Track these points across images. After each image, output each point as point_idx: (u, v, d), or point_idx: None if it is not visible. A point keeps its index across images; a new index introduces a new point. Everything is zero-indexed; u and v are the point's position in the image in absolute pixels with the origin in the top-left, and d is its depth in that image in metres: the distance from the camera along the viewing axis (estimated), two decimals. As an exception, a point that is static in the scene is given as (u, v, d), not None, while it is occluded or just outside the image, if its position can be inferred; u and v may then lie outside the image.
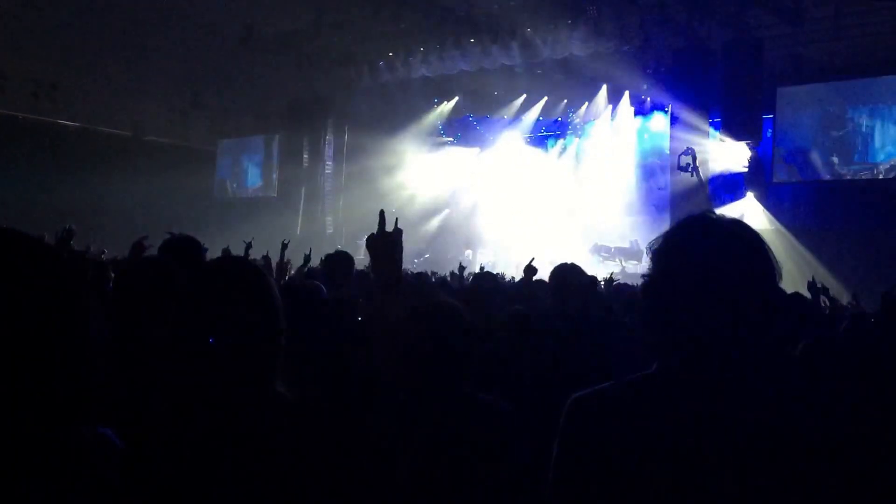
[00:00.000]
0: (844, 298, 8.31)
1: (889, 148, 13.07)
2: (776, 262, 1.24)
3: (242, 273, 1.52)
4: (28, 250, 1.00)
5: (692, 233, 1.27)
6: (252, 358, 1.44)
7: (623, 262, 15.96)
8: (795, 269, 12.91)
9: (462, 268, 7.08)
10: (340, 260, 4.83)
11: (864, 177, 13.35)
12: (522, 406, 2.19)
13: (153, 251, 3.48)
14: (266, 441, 1.37)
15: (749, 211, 14.43)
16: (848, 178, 13.52)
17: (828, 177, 13.75)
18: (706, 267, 1.20)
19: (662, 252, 1.27)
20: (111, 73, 18.85)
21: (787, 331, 2.96)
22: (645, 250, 1.45)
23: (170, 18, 18.57)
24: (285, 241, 7.18)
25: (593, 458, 1.22)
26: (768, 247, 1.25)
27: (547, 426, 1.38)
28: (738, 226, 1.28)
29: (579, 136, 18.12)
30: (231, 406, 1.41)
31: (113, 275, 4.36)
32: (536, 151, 18.58)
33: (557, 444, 1.28)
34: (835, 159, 13.59)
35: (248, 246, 7.07)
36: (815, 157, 13.82)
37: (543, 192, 18.15)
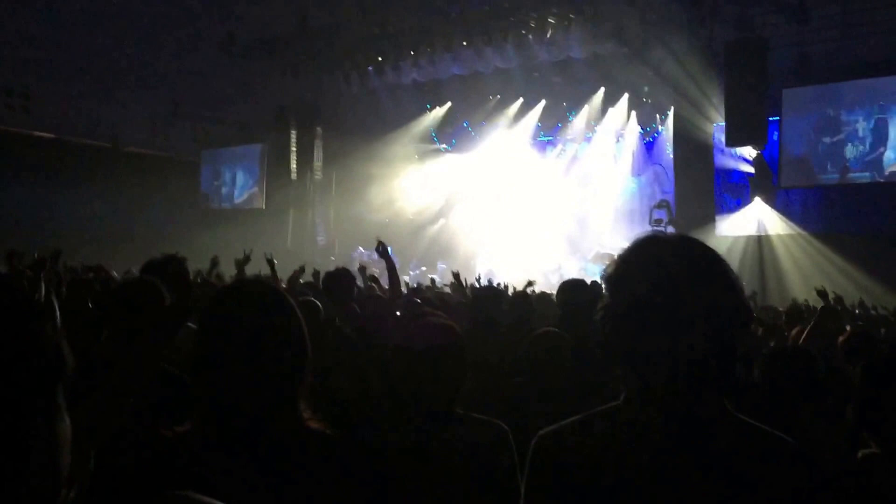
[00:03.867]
0: (849, 302, 8.04)
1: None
2: (737, 278, 1.22)
3: (267, 296, 1.49)
4: None
5: (645, 258, 1.23)
6: (278, 385, 1.42)
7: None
8: (804, 275, 12.60)
9: (431, 280, 6.68)
10: (341, 277, 4.66)
11: (874, 180, 12.98)
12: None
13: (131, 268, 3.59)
14: (292, 473, 1.37)
15: (757, 216, 14.06)
16: (858, 181, 13.16)
17: (837, 180, 13.38)
18: (666, 291, 1.17)
19: (615, 280, 1.24)
20: (88, 83, 18.32)
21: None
22: (599, 279, 1.35)
23: (149, 25, 18.04)
24: (269, 257, 6.78)
25: (560, 497, 1.21)
26: (727, 264, 1.22)
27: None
28: (691, 245, 1.25)
29: (579, 141, 17.67)
30: (257, 434, 1.38)
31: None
32: (534, 157, 18.10)
33: (524, 483, 1.28)
34: (844, 162, 13.22)
35: (214, 263, 6.71)
36: (824, 160, 13.44)
37: (542, 199, 17.69)
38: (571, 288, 4.24)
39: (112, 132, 20.54)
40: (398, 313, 4.57)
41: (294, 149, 18.74)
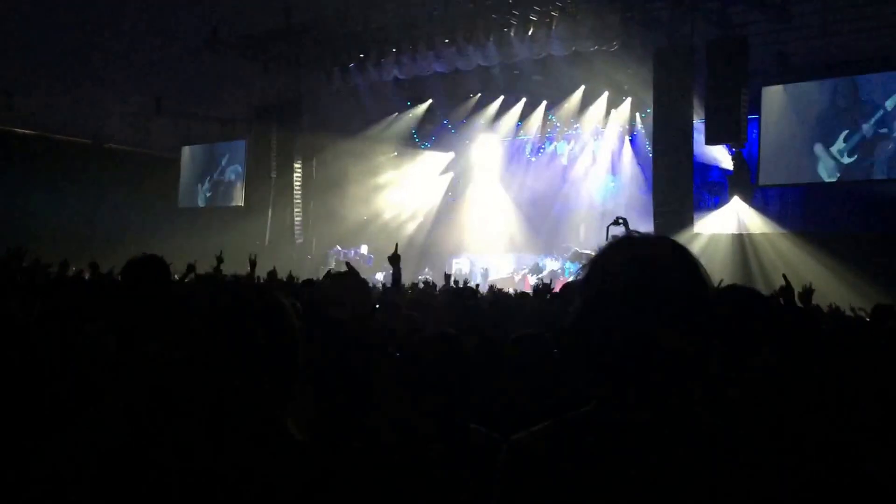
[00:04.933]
0: (827, 301, 7.95)
1: (878, 149, 12.68)
2: (709, 280, 1.22)
3: (261, 302, 1.48)
4: None
5: (617, 260, 1.21)
6: (265, 393, 1.40)
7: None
8: (782, 274, 12.51)
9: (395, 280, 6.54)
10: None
11: (852, 179, 12.93)
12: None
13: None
14: (273, 486, 1.35)
15: (735, 214, 13.99)
16: (836, 180, 13.11)
17: (815, 178, 13.33)
18: (635, 295, 1.15)
19: (587, 282, 1.23)
20: (68, 79, 18.23)
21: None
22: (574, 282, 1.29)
23: (131, 21, 17.98)
24: (252, 257, 6.85)
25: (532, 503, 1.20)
26: (698, 263, 1.21)
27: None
28: (664, 245, 1.22)
29: (558, 140, 17.59)
30: (238, 444, 1.37)
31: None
32: (514, 155, 18.02)
33: (497, 489, 1.27)
34: (822, 160, 13.17)
35: (220, 261, 6.74)
36: (802, 159, 13.39)
37: (521, 198, 17.61)
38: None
39: (93, 128, 20.44)
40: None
41: (275, 146, 18.61)
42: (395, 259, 5.09)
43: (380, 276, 14.89)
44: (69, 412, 1.98)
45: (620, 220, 14.47)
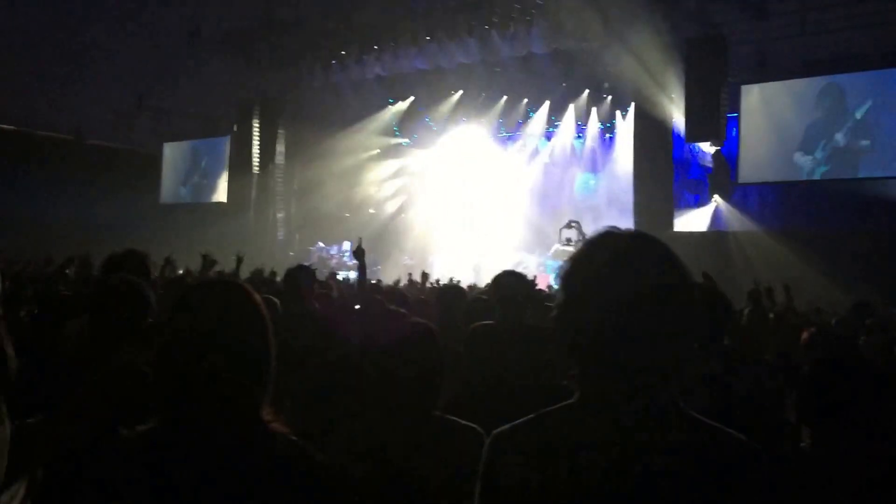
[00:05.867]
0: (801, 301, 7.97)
1: (854, 148, 12.73)
2: (689, 274, 1.23)
3: (233, 295, 1.45)
4: None
5: (599, 255, 1.22)
6: (241, 387, 1.37)
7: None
8: (760, 271, 12.54)
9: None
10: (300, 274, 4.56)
11: (831, 177, 12.99)
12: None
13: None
14: (252, 480, 1.33)
15: (715, 212, 14.03)
16: (815, 178, 13.15)
17: (793, 177, 13.38)
18: (617, 290, 1.17)
19: (569, 278, 1.24)
20: (51, 75, 18.10)
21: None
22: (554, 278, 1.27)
23: (114, 17, 17.86)
24: (240, 255, 6.82)
25: (516, 496, 1.21)
26: (679, 259, 1.23)
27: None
28: (645, 241, 1.24)
29: (539, 137, 17.60)
30: (216, 438, 1.35)
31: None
32: (495, 153, 18.01)
33: (479, 483, 1.28)
34: (800, 159, 13.22)
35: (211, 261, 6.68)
36: (780, 157, 13.43)
37: (503, 195, 17.60)
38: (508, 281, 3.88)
39: (75, 124, 20.32)
40: (357, 308, 4.61)
41: (257, 143, 18.54)
42: (359, 253, 5.06)
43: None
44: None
45: (573, 224, 14.65)
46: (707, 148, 13.87)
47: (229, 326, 1.40)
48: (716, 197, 13.91)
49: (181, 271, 7.33)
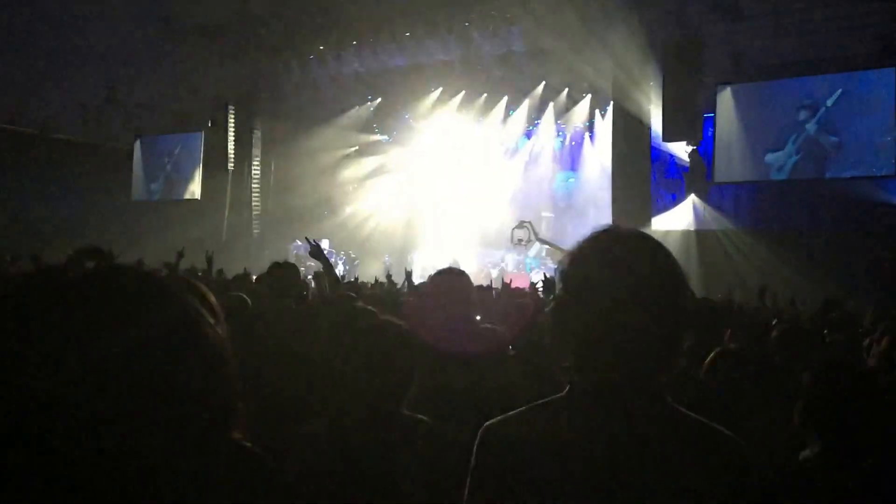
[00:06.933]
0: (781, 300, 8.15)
1: (825, 143, 13.05)
2: (684, 272, 1.26)
3: (164, 293, 1.08)
4: None
5: (600, 250, 1.26)
6: (204, 401, 1.13)
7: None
8: (736, 270, 12.81)
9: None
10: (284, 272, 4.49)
11: (805, 176, 13.29)
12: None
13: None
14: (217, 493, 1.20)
15: (691, 211, 14.25)
16: (789, 177, 13.44)
17: (765, 177, 13.66)
18: (613, 286, 1.20)
19: (570, 272, 1.26)
20: (16, 66, 17.56)
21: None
22: (555, 271, 1.36)
23: (83, 6, 17.40)
24: (209, 253, 6.71)
25: (505, 488, 1.22)
26: (674, 258, 1.26)
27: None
28: (643, 239, 1.28)
29: (519, 135, 17.68)
30: (179, 458, 1.13)
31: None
32: (475, 150, 18.04)
33: (470, 475, 1.29)
34: (775, 159, 13.50)
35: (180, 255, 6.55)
36: (756, 157, 13.70)
37: (483, 193, 17.65)
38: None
39: (41, 118, 19.74)
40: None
41: (232, 138, 18.25)
42: (316, 253, 4.86)
43: (339, 270, 14.79)
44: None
45: (525, 224, 14.86)
46: (684, 147, 14.09)
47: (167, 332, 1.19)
48: (692, 196, 14.15)
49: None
